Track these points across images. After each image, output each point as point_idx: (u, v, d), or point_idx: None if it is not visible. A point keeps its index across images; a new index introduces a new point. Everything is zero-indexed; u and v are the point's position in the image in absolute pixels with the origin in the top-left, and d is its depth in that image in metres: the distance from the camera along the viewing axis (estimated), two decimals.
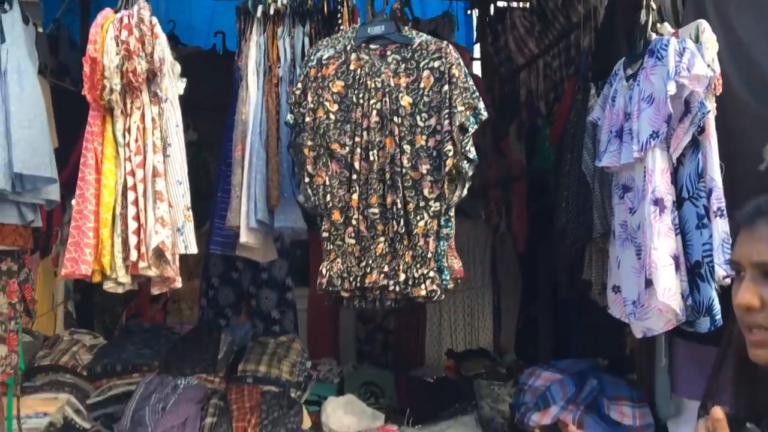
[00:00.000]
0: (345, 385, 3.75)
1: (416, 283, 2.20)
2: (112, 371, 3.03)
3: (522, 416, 2.69)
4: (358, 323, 4.97)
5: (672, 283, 1.93)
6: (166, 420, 2.56)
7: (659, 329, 2.03)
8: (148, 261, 1.93)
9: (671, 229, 1.96)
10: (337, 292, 2.21)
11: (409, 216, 2.21)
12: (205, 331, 3.39)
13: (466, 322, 4.92)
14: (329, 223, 2.16)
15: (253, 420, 2.56)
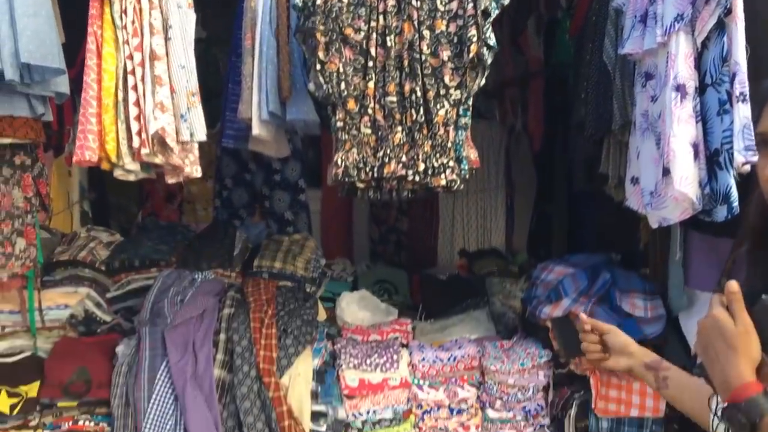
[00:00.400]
0: (359, 283, 3.80)
1: (436, 173, 2.18)
2: (130, 266, 3.08)
3: (534, 309, 2.73)
4: (371, 224, 5.00)
5: (689, 172, 1.89)
6: (185, 311, 2.61)
7: (675, 218, 2.01)
8: (150, 148, 1.90)
9: (692, 117, 1.91)
10: (353, 183, 2.19)
11: (428, 104, 2.15)
12: (221, 229, 3.40)
13: (479, 223, 4.93)
14: (344, 112, 2.11)
15: (269, 311, 2.61)
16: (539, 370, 2.66)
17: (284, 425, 2.37)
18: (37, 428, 2.47)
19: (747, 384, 1.16)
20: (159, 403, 2.39)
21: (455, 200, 4.88)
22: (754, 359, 1.18)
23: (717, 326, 1.21)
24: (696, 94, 1.92)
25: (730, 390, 1.18)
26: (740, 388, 1.16)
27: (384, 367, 2.63)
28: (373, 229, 4.97)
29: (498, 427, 2.67)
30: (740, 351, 1.17)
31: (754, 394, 1.15)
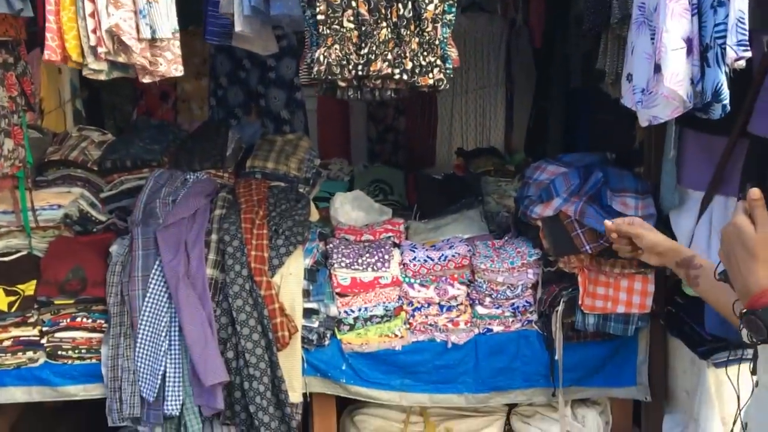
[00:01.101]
0: (355, 182, 3.81)
1: (423, 72, 2.12)
2: (122, 166, 3.07)
3: (525, 209, 2.72)
4: (369, 123, 4.95)
5: (681, 68, 1.83)
6: (177, 211, 2.63)
7: (665, 116, 1.96)
8: (106, 46, 1.84)
9: (687, 10, 1.82)
10: (333, 81, 2.13)
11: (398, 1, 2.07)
12: (213, 128, 3.36)
13: (478, 122, 4.88)
14: (325, 4, 2.02)
15: (261, 212, 2.61)
16: (528, 268, 2.69)
17: (276, 322, 2.43)
18: (36, 325, 2.54)
19: (765, 290, 1.17)
20: (153, 301, 2.44)
21: (454, 98, 4.80)
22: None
23: (738, 233, 1.22)
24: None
25: (749, 296, 1.20)
26: (759, 294, 1.18)
27: (375, 266, 2.66)
28: (371, 128, 4.93)
29: (487, 323, 2.72)
30: (759, 257, 1.18)
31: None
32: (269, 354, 2.41)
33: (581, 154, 2.86)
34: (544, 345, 2.71)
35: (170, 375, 2.41)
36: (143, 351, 2.43)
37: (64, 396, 2.58)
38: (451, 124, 4.86)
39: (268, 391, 2.39)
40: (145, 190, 2.80)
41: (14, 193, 2.74)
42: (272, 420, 2.39)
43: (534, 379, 2.74)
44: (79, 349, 2.54)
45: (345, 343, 2.65)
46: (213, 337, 2.38)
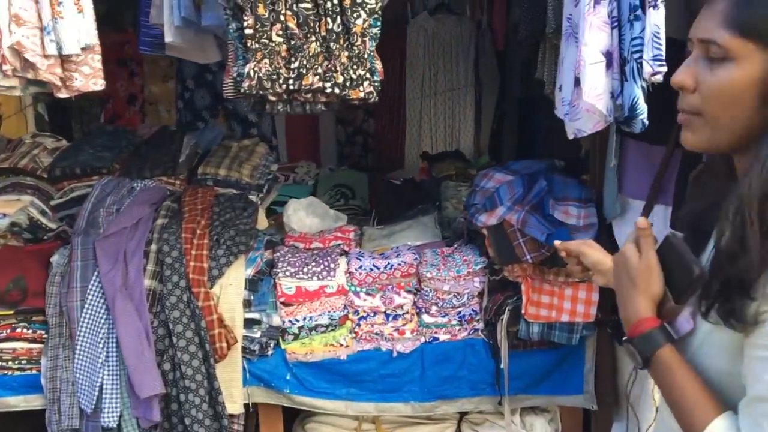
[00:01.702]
0: (318, 186, 3.78)
1: (354, 85, 2.11)
2: (71, 174, 3.05)
3: (471, 217, 2.71)
4: (338, 126, 4.92)
5: (599, 82, 1.81)
6: (118, 221, 2.61)
7: (588, 130, 1.95)
8: (11, 63, 1.81)
9: (606, 23, 1.81)
10: (263, 95, 2.11)
11: (346, 13, 2.05)
12: (168, 134, 3.34)
13: (447, 124, 4.85)
14: (254, 18, 2.01)
15: (202, 221, 2.60)
16: (475, 276, 2.68)
17: (214, 333, 2.42)
18: None
19: (643, 319, 1.18)
20: (91, 313, 2.43)
21: (422, 100, 4.78)
22: (653, 295, 1.20)
23: (623, 262, 1.24)
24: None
25: (629, 325, 1.22)
26: (636, 323, 1.19)
27: (321, 275, 2.65)
28: (340, 130, 4.90)
29: (433, 331, 2.71)
30: (640, 287, 1.20)
31: (649, 329, 1.18)
32: (206, 366, 2.40)
33: (530, 162, 2.85)
34: (490, 353, 2.70)
35: (107, 386, 2.40)
36: (81, 362, 2.41)
37: (4, 407, 2.56)
38: (420, 127, 4.84)
39: (204, 403, 2.38)
40: (90, 198, 2.78)
41: None
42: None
43: (480, 388, 2.73)
44: (20, 360, 2.53)
45: (289, 352, 2.64)
46: (149, 348, 2.36)
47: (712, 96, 1.10)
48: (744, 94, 1.07)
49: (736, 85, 1.07)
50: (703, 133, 1.13)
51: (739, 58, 1.07)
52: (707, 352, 1.16)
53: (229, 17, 2.02)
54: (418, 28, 4.70)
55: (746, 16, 1.06)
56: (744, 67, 1.06)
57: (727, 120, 1.09)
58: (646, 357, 1.18)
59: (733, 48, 1.07)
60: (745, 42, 1.06)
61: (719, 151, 1.18)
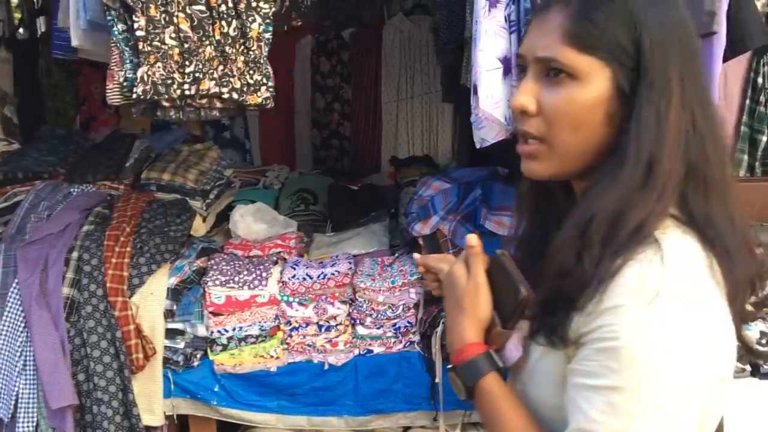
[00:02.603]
0: (282, 191, 3.73)
1: (251, 90, 2.04)
2: (14, 178, 3.02)
3: (407, 225, 2.63)
4: (313, 129, 4.86)
5: (496, 90, 1.72)
6: (46, 227, 2.57)
7: (490, 139, 1.86)
8: None
9: (503, 28, 1.71)
10: (157, 101, 2.05)
11: (241, 17, 1.98)
12: (118, 138, 3.30)
13: (425, 127, 4.76)
14: (145, 19, 1.94)
15: (128, 228, 2.54)
16: (410, 287, 2.59)
17: (130, 344, 2.36)
18: None
19: (467, 345, 1.10)
20: (9, 320, 2.38)
21: (399, 103, 4.70)
22: (481, 319, 1.12)
23: (451, 283, 1.16)
24: (511, 1, 1.72)
25: (453, 351, 1.13)
26: (460, 349, 1.11)
27: (252, 284, 2.58)
28: (315, 134, 4.84)
29: (368, 343, 2.63)
30: (467, 310, 1.12)
31: (474, 355, 1.09)
32: (121, 377, 2.34)
33: (471, 169, 2.76)
34: (425, 366, 2.61)
35: (24, 396, 2.35)
36: (1, 370, 2.37)
37: None
38: (397, 130, 4.76)
39: (117, 415, 2.32)
40: (23, 204, 2.75)
41: None
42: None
43: (416, 402, 2.64)
44: None
45: (217, 364, 2.57)
46: (63, 359, 2.31)
47: (558, 119, 1.00)
48: (593, 113, 0.99)
49: (584, 106, 0.98)
50: (551, 161, 1.03)
51: (583, 76, 0.98)
52: (537, 383, 1.07)
53: (114, 18, 1.94)
54: (394, 30, 4.62)
55: (586, 30, 0.97)
56: (590, 86, 0.98)
57: (578, 143, 1.01)
58: (469, 386, 1.09)
59: (576, 65, 0.98)
60: (588, 58, 0.97)
61: (569, 177, 1.08)
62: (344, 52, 4.67)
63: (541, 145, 1.03)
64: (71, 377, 2.33)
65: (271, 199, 3.63)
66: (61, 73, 4.73)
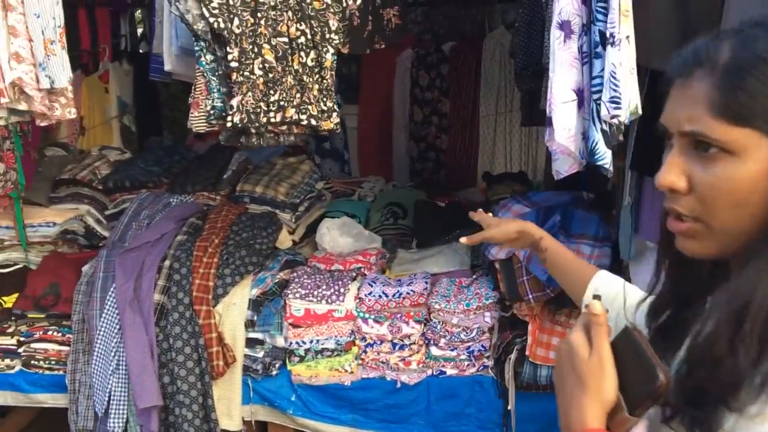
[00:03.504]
0: (373, 204, 3.79)
1: (326, 117, 2.10)
2: (122, 186, 3.25)
3: (484, 248, 2.61)
4: (410, 142, 4.90)
5: (572, 122, 1.68)
6: (144, 235, 2.75)
7: (564, 172, 1.81)
8: (8, 96, 1.94)
9: (577, 59, 1.66)
10: (243, 129, 2.13)
11: (318, 48, 2.04)
12: (219, 150, 3.47)
13: (523, 142, 4.70)
14: (238, 50, 2.03)
15: (216, 240, 2.68)
16: (485, 311, 2.57)
17: (212, 351, 2.49)
18: (14, 335, 2.75)
19: (588, 431, 0.96)
20: (107, 322, 2.57)
21: (497, 117, 4.67)
22: (605, 401, 0.97)
23: (570, 354, 1.01)
24: (583, 32, 1.67)
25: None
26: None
27: (330, 299, 2.65)
28: (412, 146, 4.88)
29: (440, 365, 2.63)
30: (589, 389, 0.97)
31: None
32: (202, 382, 2.47)
33: (553, 193, 2.70)
34: (498, 392, 2.59)
35: (116, 393, 2.53)
36: (97, 368, 2.57)
37: (34, 403, 2.77)
38: (494, 145, 4.73)
39: (197, 418, 2.45)
40: (127, 212, 2.95)
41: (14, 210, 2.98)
42: None
43: (488, 428, 2.62)
44: (50, 360, 2.73)
45: (294, 374, 2.66)
46: (152, 361, 2.47)
47: (715, 198, 0.89)
48: (754, 191, 0.87)
49: (743, 183, 0.87)
50: (711, 241, 0.92)
51: (738, 150, 0.87)
52: None
53: (202, 49, 2.05)
54: (495, 43, 4.59)
55: (737, 99, 0.86)
56: (747, 160, 0.86)
57: (739, 223, 0.90)
58: None
59: (730, 140, 0.86)
60: (743, 130, 0.86)
61: (730, 255, 0.95)
62: (443, 65, 4.68)
63: (696, 223, 0.92)
64: (158, 379, 2.48)
65: (363, 211, 3.68)
66: (178, 84, 5.02)
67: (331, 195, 3.77)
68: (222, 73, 2.05)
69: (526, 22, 2.11)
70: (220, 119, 2.08)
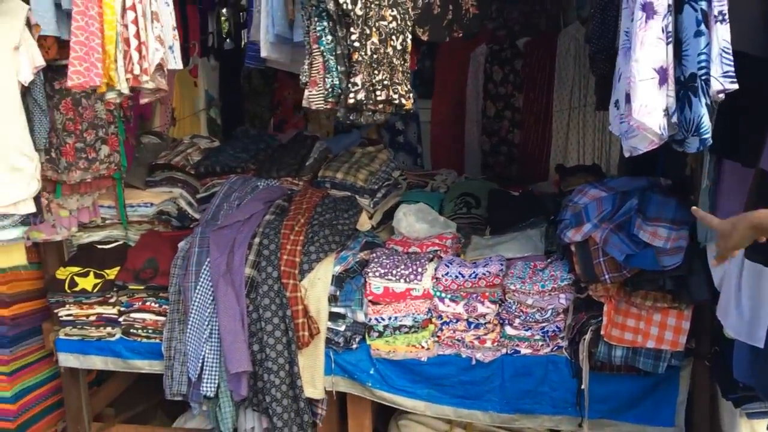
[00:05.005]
0: (447, 194, 3.89)
1: (408, 97, 2.24)
2: (212, 171, 3.45)
3: (560, 232, 2.68)
4: (482, 136, 4.97)
5: (650, 99, 1.74)
6: (235, 215, 2.93)
7: (643, 148, 1.87)
8: (149, 75, 2.14)
9: (660, 39, 1.73)
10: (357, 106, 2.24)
11: (404, 33, 2.17)
12: (301, 139, 3.65)
13: (596, 137, 4.71)
14: (359, 32, 2.14)
15: (302, 219, 2.83)
16: (560, 293, 2.64)
17: (298, 322, 2.64)
18: (115, 305, 2.97)
19: None
20: (201, 293, 2.76)
21: (570, 112, 4.69)
22: None
23: None
24: (668, 12, 1.74)
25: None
26: None
27: (408, 278, 2.76)
28: (484, 140, 4.94)
29: (515, 344, 2.71)
30: None
31: None
32: (289, 351, 2.62)
33: (629, 178, 2.74)
34: (572, 372, 2.65)
35: (209, 360, 2.71)
36: (191, 336, 2.75)
37: (133, 369, 2.99)
38: (567, 139, 4.74)
39: (283, 384, 2.60)
40: (219, 194, 3.14)
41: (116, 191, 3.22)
42: (285, 411, 2.60)
43: (562, 407, 2.68)
44: (147, 329, 2.94)
45: (373, 348, 2.79)
46: (243, 330, 2.64)
47: None
48: None
49: None
50: None
51: None
52: None
53: (324, 28, 2.17)
54: (570, 38, 4.61)
55: None
56: None
57: None
58: None
59: None
60: None
61: None
62: (517, 60, 4.73)
63: None
64: (248, 347, 2.65)
65: (436, 201, 3.78)
66: (260, 80, 5.25)
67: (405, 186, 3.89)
68: (340, 53, 2.18)
69: (601, 8, 2.18)
70: (336, 97, 2.22)
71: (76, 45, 2.07)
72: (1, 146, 2.44)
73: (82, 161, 2.90)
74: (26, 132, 2.49)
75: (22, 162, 2.46)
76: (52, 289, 3.00)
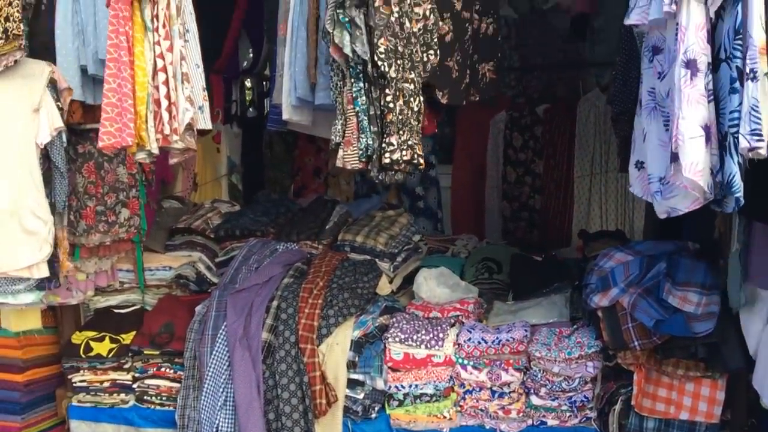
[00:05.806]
0: (467, 259, 3.83)
1: (423, 157, 2.26)
2: (232, 235, 3.44)
3: (586, 297, 2.60)
4: (503, 201, 4.95)
5: (700, 157, 1.70)
6: (253, 278, 2.90)
7: (684, 208, 1.83)
8: (179, 134, 2.15)
9: (704, 96, 1.71)
10: (388, 165, 2.24)
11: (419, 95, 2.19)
12: (321, 203, 3.64)
13: (619, 203, 4.66)
14: (393, 93, 2.17)
15: (321, 282, 2.79)
16: (588, 360, 2.55)
17: (316, 389, 2.56)
18: (130, 371, 2.92)
19: None
20: (217, 359, 2.70)
21: (592, 178, 4.66)
22: None
23: None
24: (708, 70, 1.72)
25: None
26: None
27: (429, 344, 2.69)
28: (505, 206, 4.91)
29: (541, 414, 2.61)
30: None
31: None
32: (305, 420, 2.54)
33: (656, 242, 2.68)
34: None
35: (222, 429, 2.63)
36: (206, 403, 2.68)
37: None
38: (590, 204, 4.70)
39: None
40: (237, 257, 3.12)
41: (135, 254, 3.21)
42: None
43: None
44: (161, 396, 2.87)
45: (393, 418, 2.69)
46: (258, 398, 2.56)
47: None
48: None
49: None
50: None
51: None
52: None
53: (360, 89, 2.20)
54: (589, 105, 4.63)
55: None
56: None
57: None
58: None
59: None
60: None
61: None
62: (537, 127, 4.74)
63: None
64: (263, 415, 2.57)
65: (457, 266, 3.72)
66: (282, 146, 5.31)
67: None
68: (373, 114, 2.20)
69: (623, 69, 2.17)
70: (369, 157, 2.23)
71: (108, 106, 2.09)
72: (16, 208, 2.45)
73: (102, 224, 2.90)
74: (42, 195, 2.51)
75: (36, 225, 2.47)
76: (66, 354, 2.96)
